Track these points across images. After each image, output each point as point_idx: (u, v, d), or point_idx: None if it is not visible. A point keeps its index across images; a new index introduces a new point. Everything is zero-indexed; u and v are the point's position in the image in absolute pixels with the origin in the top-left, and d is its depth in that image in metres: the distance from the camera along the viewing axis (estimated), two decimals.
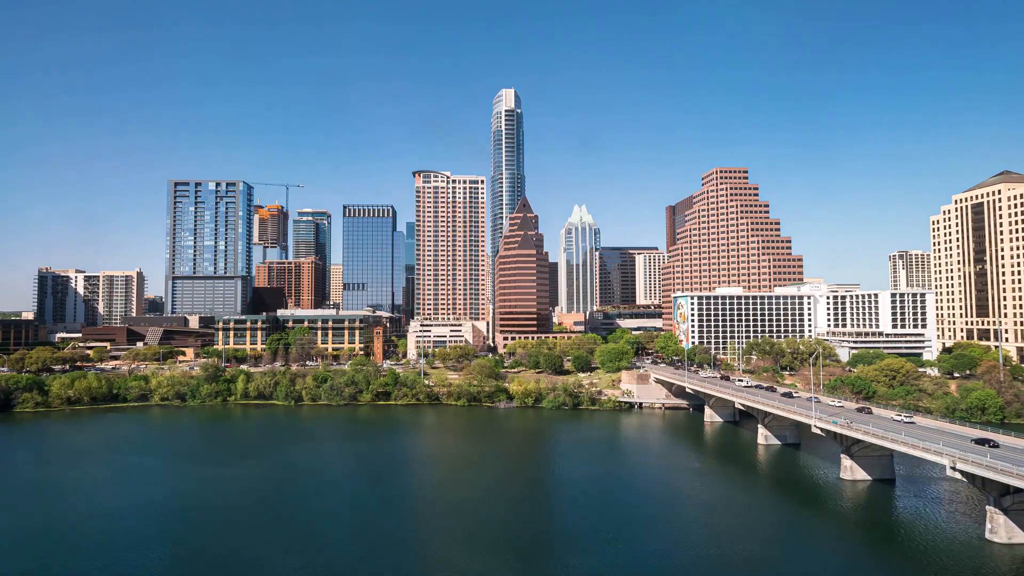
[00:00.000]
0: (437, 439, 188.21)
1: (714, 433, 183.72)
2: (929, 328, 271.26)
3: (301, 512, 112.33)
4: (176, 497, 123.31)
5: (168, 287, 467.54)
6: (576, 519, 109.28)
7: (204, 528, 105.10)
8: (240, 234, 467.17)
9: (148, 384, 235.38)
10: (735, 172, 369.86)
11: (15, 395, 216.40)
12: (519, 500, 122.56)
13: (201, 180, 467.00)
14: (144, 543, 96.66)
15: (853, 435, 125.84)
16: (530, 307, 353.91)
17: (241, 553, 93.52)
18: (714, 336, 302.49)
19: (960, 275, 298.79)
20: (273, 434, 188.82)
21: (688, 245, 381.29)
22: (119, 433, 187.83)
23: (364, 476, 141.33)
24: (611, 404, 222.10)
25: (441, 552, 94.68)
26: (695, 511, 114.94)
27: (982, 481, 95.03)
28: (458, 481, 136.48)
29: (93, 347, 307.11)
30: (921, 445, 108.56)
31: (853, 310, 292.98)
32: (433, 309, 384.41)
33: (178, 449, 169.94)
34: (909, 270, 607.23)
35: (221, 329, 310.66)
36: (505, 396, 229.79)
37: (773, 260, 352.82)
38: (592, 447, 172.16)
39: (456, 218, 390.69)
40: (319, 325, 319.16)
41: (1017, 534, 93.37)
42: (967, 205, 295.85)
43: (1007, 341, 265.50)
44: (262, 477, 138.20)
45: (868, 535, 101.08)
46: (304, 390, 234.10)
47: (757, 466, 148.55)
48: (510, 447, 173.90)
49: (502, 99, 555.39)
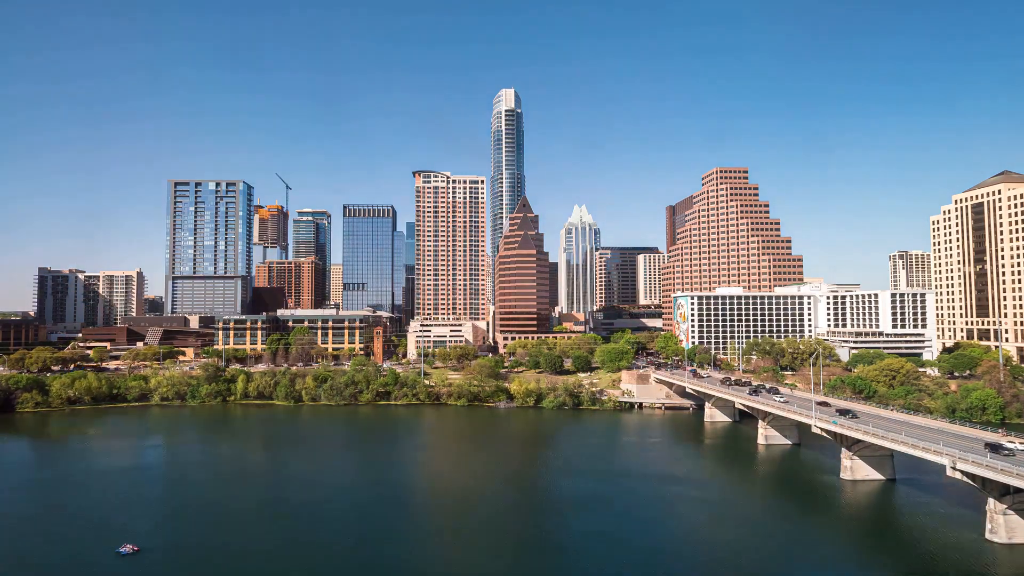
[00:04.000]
0: (437, 439, 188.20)
1: (714, 433, 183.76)
2: (929, 328, 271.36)
3: (301, 512, 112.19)
4: (176, 497, 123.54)
5: (168, 287, 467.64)
6: (576, 519, 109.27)
7: (203, 528, 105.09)
8: (240, 234, 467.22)
9: (148, 384, 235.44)
10: (735, 172, 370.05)
11: (15, 395, 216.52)
12: (519, 500, 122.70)
13: (201, 180, 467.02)
14: (142, 540, 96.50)
15: (853, 435, 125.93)
16: (530, 307, 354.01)
17: (241, 553, 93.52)
18: (714, 336, 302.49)
19: (960, 275, 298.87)
20: (273, 434, 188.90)
21: (688, 245, 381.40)
22: (119, 433, 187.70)
23: (364, 476, 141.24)
24: (611, 404, 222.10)
25: (441, 552, 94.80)
26: (695, 511, 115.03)
27: (982, 481, 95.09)
28: (458, 481, 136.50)
29: (93, 347, 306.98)
30: (921, 445, 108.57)
31: (853, 310, 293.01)
32: (433, 309, 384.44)
33: (177, 448, 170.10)
34: (909, 270, 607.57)
35: (221, 329, 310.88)
36: (505, 396, 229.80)
37: (773, 260, 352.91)
38: (592, 447, 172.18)
39: (456, 218, 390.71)
40: (319, 325, 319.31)
41: (1017, 534, 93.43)
42: (967, 205, 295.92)
43: (1007, 341, 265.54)
44: (261, 477, 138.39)
45: (868, 535, 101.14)
46: (304, 390, 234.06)
47: (757, 466, 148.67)
48: (510, 447, 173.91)
49: (502, 99, 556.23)
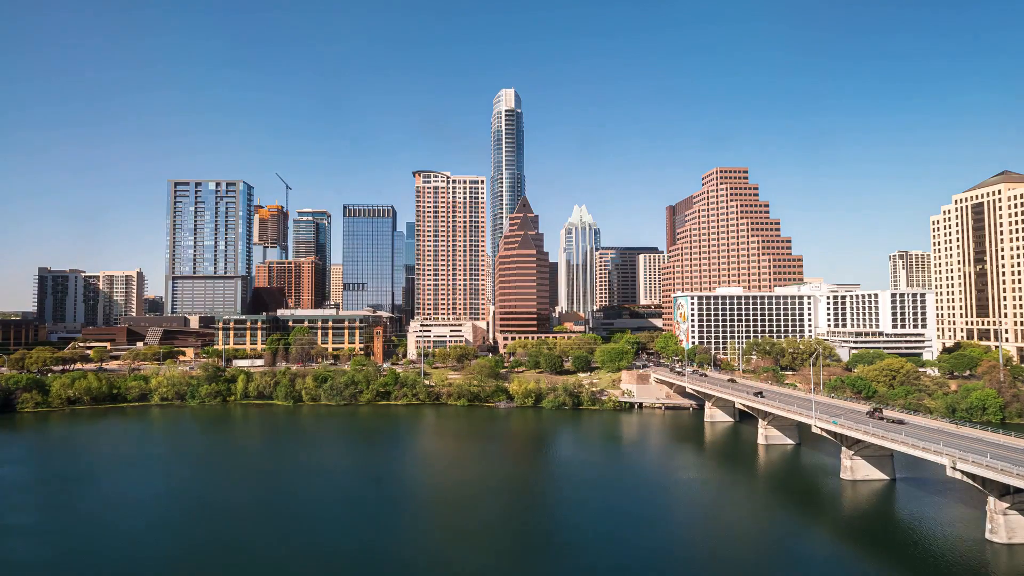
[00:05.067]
0: (437, 439, 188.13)
1: (714, 433, 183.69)
2: (929, 328, 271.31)
3: (301, 512, 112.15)
4: (175, 497, 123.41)
5: (168, 287, 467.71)
6: (576, 518, 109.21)
7: (203, 527, 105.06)
8: (240, 234, 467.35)
9: (148, 384, 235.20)
10: (735, 172, 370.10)
11: (16, 395, 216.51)
12: (519, 499, 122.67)
13: (201, 180, 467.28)
14: (142, 539, 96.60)
15: (853, 435, 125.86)
16: (530, 307, 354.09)
17: (240, 552, 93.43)
18: (714, 336, 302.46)
19: (960, 275, 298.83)
20: (273, 434, 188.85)
21: (688, 245, 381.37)
22: (119, 432, 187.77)
23: (364, 476, 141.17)
24: (612, 404, 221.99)
25: (442, 551, 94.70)
26: (695, 511, 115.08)
27: (982, 481, 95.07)
28: (458, 481, 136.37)
29: (93, 347, 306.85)
30: (921, 445, 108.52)
31: (853, 310, 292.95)
32: (433, 309, 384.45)
33: (177, 448, 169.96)
34: (909, 270, 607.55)
35: (221, 329, 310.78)
36: (505, 396, 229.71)
37: (773, 260, 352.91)
38: (592, 447, 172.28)
39: (456, 218, 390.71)
40: (319, 325, 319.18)
41: (1017, 534, 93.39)
42: (967, 205, 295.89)
43: (1007, 341, 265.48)
44: (261, 477, 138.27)
45: (868, 535, 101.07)
46: (304, 390, 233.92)
47: (757, 466, 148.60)
48: (510, 447, 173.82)
49: (502, 99, 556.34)
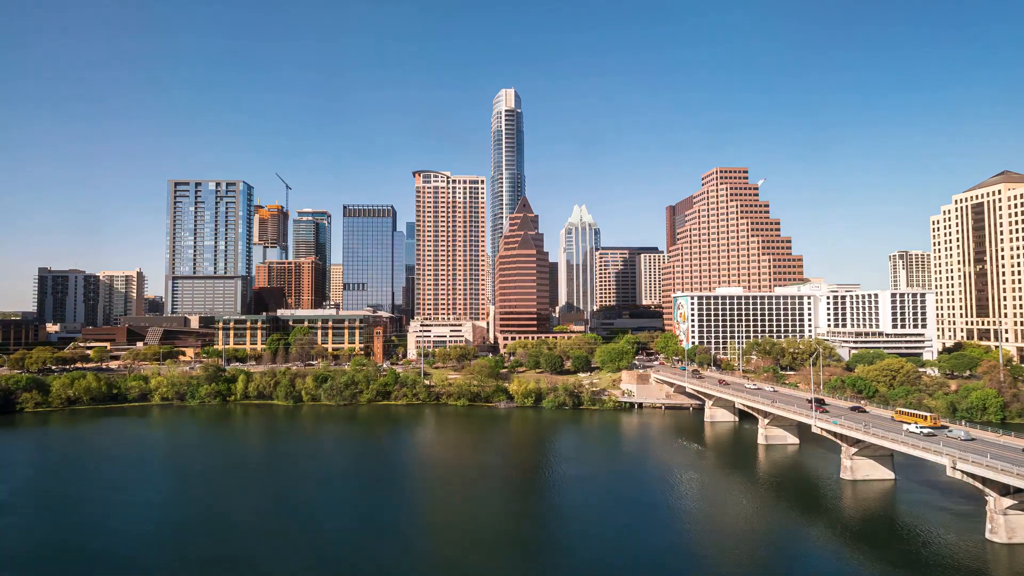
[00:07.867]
0: (437, 439, 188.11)
1: (715, 433, 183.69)
2: (929, 328, 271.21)
3: (300, 512, 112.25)
4: (175, 497, 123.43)
5: (168, 287, 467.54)
6: (576, 519, 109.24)
7: (203, 527, 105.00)
8: (240, 234, 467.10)
9: (148, 384, 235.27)
10: (735, 172, 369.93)
11: (16, 395, 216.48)
12: (519, 500, 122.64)
13: (201, 180, 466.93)
14: (142, 539, 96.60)
15: (853, 435, 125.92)
16: (530, 307, 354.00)
17: (240, 552, 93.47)
18: (714, 336, 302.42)
19: (960, 275, 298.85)
20: (273, 434, 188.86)
21: (688, 245, 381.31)
22: (119, 432, 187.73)
23: (364, 476, 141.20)
24: (612, 404, 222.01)
25: (442, 551, 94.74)
26: (695, 511, 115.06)
27: (982, 481, 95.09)
28: (458, 480, 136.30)
29: (93, 347, 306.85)
30: (921, 445, 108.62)
31: (853, 310, 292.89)
32: (433, 309, 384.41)
33: (177, 448, 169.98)
34: (909, 270, 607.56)
35: (221, 329, 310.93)
36: (505, 396, 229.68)
37: (773, 260, 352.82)
38: (593, 447, 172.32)
39: (456, 218, 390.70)
40: (319, 325, 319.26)
41: (1017, 534, 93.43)
42: (967, 205, 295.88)
43: (1007, 341, 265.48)
44: (261, 477, 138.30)
45: (868, 535, 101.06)
46: (304, 390, 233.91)
47: (757, 466, 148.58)
48: (510, 447, 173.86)
49: (502, 99, 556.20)
